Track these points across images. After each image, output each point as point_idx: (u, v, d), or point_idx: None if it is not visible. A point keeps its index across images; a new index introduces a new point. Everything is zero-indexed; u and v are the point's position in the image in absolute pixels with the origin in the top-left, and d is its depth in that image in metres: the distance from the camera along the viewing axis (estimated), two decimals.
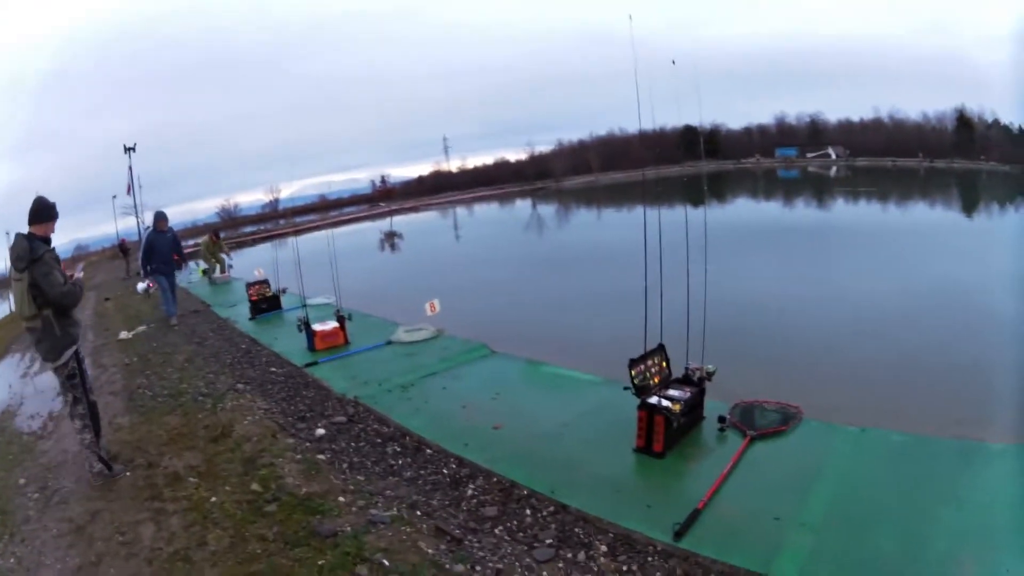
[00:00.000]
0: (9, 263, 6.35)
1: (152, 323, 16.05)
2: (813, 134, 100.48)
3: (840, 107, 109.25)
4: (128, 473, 6.74)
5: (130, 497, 6.17)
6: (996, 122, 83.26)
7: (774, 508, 5.38)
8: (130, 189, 23.77)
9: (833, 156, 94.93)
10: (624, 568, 4.86)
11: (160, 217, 15.86)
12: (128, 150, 23.53)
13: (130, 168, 23.48)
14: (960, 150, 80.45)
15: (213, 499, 5.88)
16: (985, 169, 71.95)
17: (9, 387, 12.43)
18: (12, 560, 5.42)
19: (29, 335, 6.63)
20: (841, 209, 42.10)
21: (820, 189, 59.12)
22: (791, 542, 4.95)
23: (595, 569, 4.85)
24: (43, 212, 6.45)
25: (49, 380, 11.36)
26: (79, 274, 7.00)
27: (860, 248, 23.99)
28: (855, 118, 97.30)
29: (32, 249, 6.19)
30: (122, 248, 39.02)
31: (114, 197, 58.87)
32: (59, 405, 9.52)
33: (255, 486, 6.07)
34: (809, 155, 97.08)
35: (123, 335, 14.87)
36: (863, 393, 9.56)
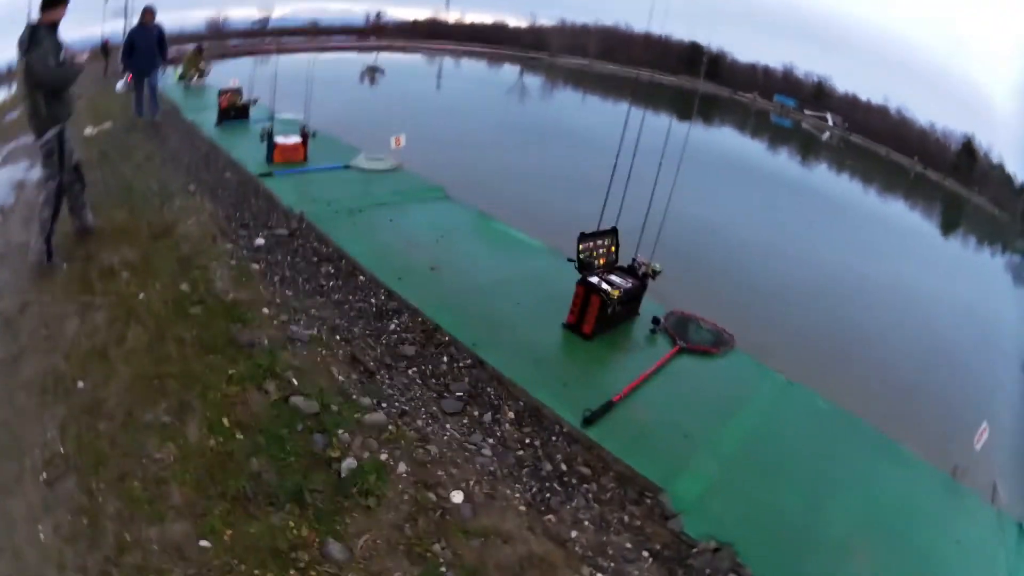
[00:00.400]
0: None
1: (119, 122, 15.64)
2: (817, 95, 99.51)
3: (851, 81, 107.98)
4: (65, 266, 6.71)
5: (62, 290, 6.15)
6: (1000, 167, 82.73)
7: (687, 426, 5.45)
8: None
9: (831, 122, 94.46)
10: (527, 441, 4.97)
11: (147, 10, 14.69)
12: None
13: None
14: (957, 173, 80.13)
15: (141, 296, 5.90)
16: (974, 201, 71.76)
17: None
18: None
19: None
20: (823, 174, 42.00)
21: (808, 147, 58.88)
22: (697, 464, 5.03)
23: (498, 434, 4.97)
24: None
25: (7, 173, 11.24)
26: (82, 58, 7.03)
27: (831, 217, 23.85)
28: (863, 97, 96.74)
29: (32, 35, 6.33)
30: (104, 49, 37.95)
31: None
32: (11, 200, 9.47)
33: (184, 286, 6.10)
34: (807, 111, 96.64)
35: (88, 131, 14.61)
36: (798, 349, 9.54)
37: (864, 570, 4.47)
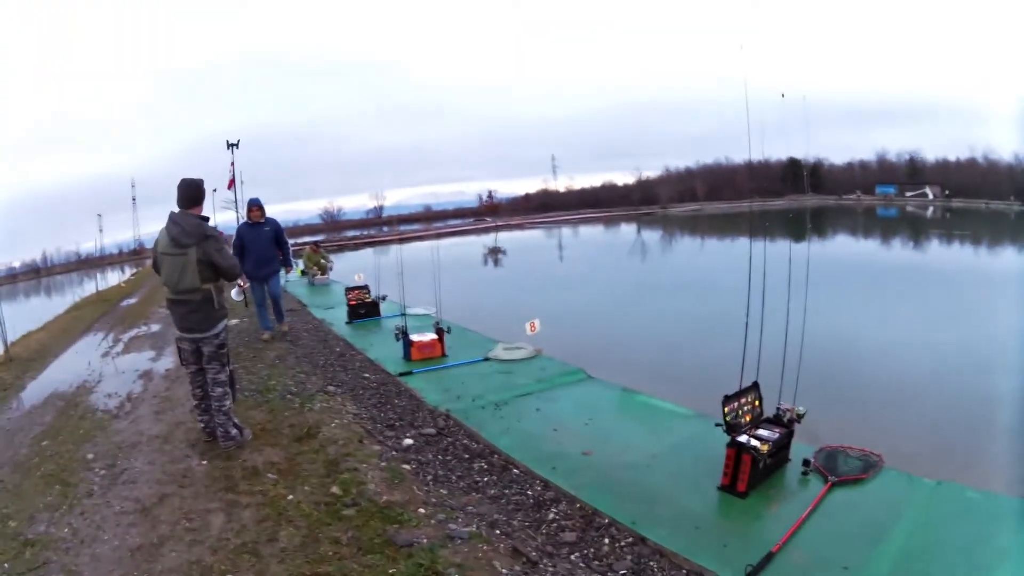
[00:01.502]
0: (167, 240, 6.90)
1: (245, 318, 16.16)
2: (911, 172, 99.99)
3: (938, 145, 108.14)
4: (250, 436, 7.23)
5: (204, 486, 6.22)
6: None
7: (844, 557, 5.30)
8: (232, 184, 23.99)
9: (930, 196, 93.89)
10: None
11: (253, 205, 13.23)
12: (231, 146, 23.81)
13: (232, 164, 23.80)
14: None
15: (290, 497, 5.89)
16: None
17: (88, 364, 12.76)
18: (67, 530, 5.49)
19: (175, 308, 7.11)
20: (936, 251, 41.35)
21: (917, 229, 58.43)
22: None
23: None
24: (200, 193, 7.15)
25: (132, 361, 11.65)
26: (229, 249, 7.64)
27: (953, 293, 23.49)
28: (951, 157, 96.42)
29: (204, 227, 6.92)
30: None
31: (214, 191, 59.86)
32: (138, 388, 9.74)
33: (335, 489, 6.05)
34: (907, 194, 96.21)
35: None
36: (943, 444, 9.34)
37: None
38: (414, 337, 11.84)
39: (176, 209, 6.95)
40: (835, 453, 7.28)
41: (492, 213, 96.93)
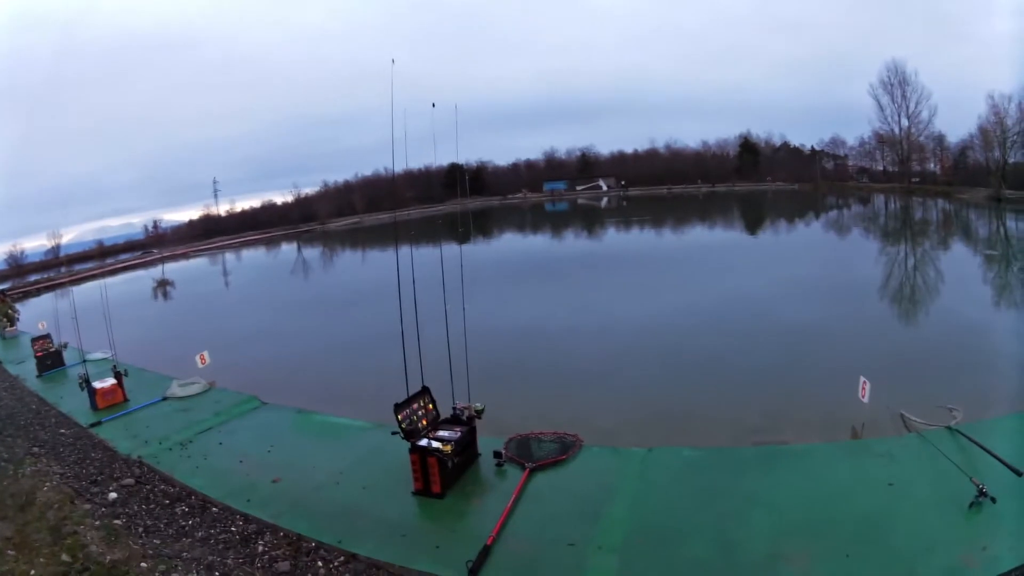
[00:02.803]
0: None
1: None
2: (584, 167, 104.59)
3: (613, 140, 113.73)
4: None
5: None
6: (785, 144, 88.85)
7: (567, 535, 5.93)
8: None
9: (604, 187, 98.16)
10: None
11: None
12: None
13: None
14: (743, 174, 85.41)
15: (32, 572, 6.19)
16: (771, 190, 77.00)
17: None
18: None
19: None
20: (610, 237, 44.16)
21: (590, 220, 61.54)
22: (593, 565, 5.48)
23: None
24: None
25: None
26: None
27: (633, 274, 25.90)
28: (628, 150, 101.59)
29: None
30: None
31: None
32: None
33: (65, 556, 6.40)
34: (579, 187, 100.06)
35: None
36: (646, 415, 10.42)
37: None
38: (96, 384, 12.02)
39: None
40: (527, 440, 8.12)
41: (158, 244, 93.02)
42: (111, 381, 12.28)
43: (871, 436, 8.07)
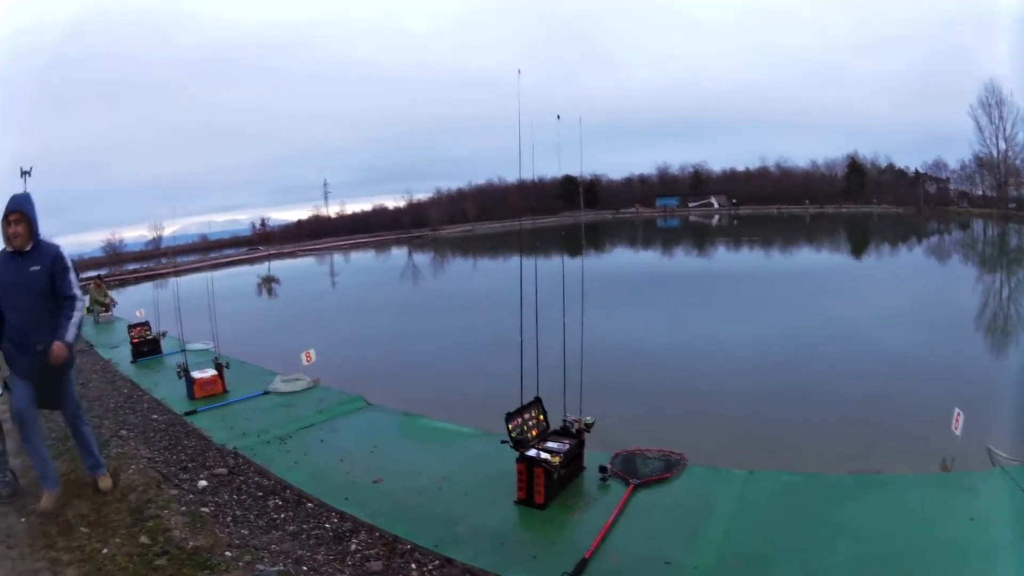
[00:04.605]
0: None
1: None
2: (695, 184, 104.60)
3: (725, 157, 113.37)
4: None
5: (28, 544, 6.13)
6: (890, 166, 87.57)
7: (664, 553, 5.59)
8: None
9: (715, 205, 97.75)
10: None
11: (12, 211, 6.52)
12: (24, 174, 22.32)
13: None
14: (850, 195, 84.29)
15: (105, 551, 5.90)
16: (876, 212, 75.60)
17: None
18: None
19: None
20: (722, 257, 43.87)
21: (701, 238, 61.60)
22: None
23: None
24: None
25: None
26: None
27: (739, 294, 25.49)
28: (740, 167, 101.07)
29: None
30: None
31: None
32: None
33: (144, 538, 6.10)
34: (691, 204, 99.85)
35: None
36: (749, 437, 10.16)
37: None
38: (195, 374, 11.83)
39: None
40: (633, 456, 7.76)
41: (265, 241, 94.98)
42: (211, 372, 12.07)
43: (960, 469, 7.74)
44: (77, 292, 6.69)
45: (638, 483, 7.05)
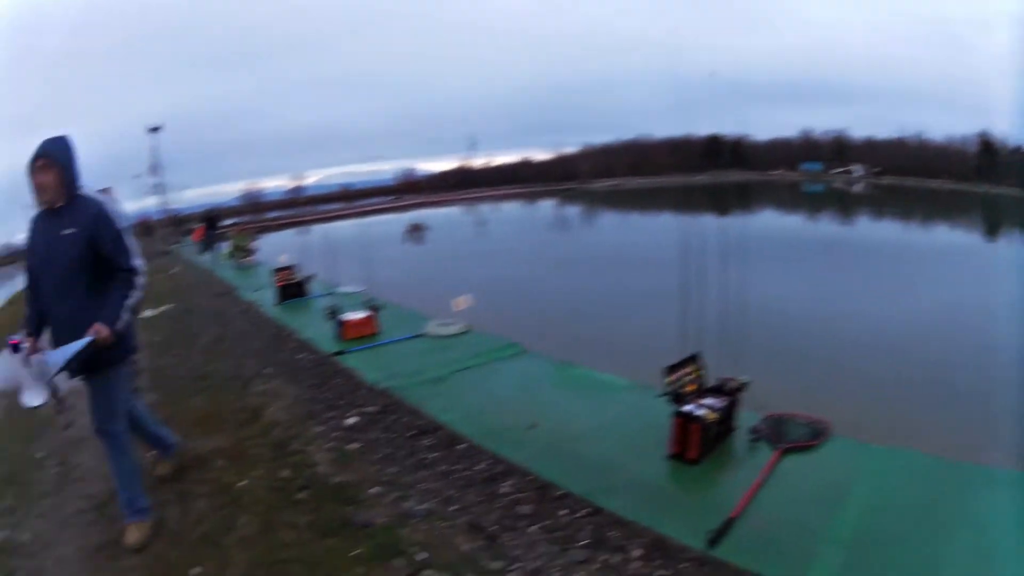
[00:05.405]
0: None
1: (179, 304, 15.83)
2: (838, 150, 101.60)
3: (865, 124, 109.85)
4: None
5: (152, 476, 6.08)
6: (1018, 148, 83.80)
7: (805, 521, 5.38)
8: (153, 169, 23.41)
9: (858, 172, 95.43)
10: (659, 573, 4.78)
11: (41, 156, 4.73)
12: (153, 130, 23.00)
13: (152, 149, 23.23)
14: (983, 174, 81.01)
15: (241, 483, 5.85)
16: (1008, 194, 72.69)
17: None
18: (28, 535, 5.39)
19: None
20: (869, 226, 42.40)
21: (846, 205, 59.91)
22: (823, 555, 4.95)
23: (630, 572, 4.78)
24: None
25: None
26: None
27: (888, 267, 24.22)
28: (879, 136, 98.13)
29: None
30: (146, 225, 39.86)
31: (136, 177, 57.99)
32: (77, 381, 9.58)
33: (285, 472, 6.03)
34: (833, 171, 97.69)
35: (147, 313, 14.80)
36: (892, 412, 9.63)
37: None
38: (346, 315, 11.79)
39: None
40: (782, 420, 7.39)
41: (412, 191, 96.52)
42: (363, 313, 11.97)
43: None
44: (136, 263, 4.91)
45: (786, 447, 6.78)
